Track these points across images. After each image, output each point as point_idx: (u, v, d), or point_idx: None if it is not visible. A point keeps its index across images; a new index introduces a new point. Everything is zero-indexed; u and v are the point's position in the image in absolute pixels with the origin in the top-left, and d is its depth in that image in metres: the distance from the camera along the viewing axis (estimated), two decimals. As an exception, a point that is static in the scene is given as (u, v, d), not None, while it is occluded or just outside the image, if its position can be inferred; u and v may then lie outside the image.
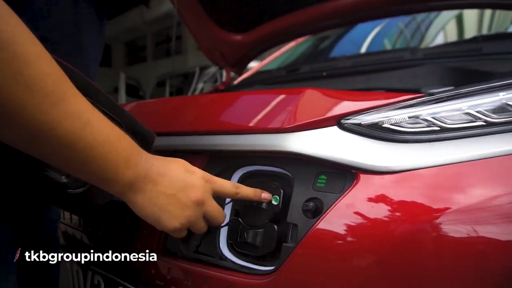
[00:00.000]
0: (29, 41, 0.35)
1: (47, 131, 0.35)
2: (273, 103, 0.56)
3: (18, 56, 0.33)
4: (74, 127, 0.37)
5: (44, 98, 0.35)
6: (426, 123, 0.47)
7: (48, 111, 0.35)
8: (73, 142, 0.37)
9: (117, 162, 0.41)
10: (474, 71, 1.05)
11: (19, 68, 0.33)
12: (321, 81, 1.45)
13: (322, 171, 0.49)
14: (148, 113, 0.73)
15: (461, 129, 0.46)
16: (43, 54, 0.36)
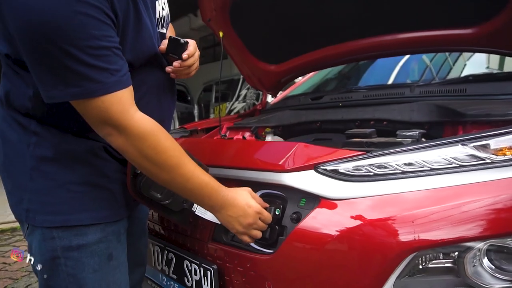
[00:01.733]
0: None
1: (172, 182, 0.78)
2: (279, 151, 0.92)
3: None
4: (184, 180, 0.77)
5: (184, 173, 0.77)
6: (365, 170, 0.80)
7: (173, 173, 0.76)
8: (184, 187, 0.78)
9: (209, 196, 0.82)
10: (452, 110, 1.32)
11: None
12: (338, 110, 1.77)
13: (303, 196, 0.84)
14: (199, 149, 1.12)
15: (384, 175, 0.79)
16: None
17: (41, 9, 0.62)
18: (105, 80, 0.68)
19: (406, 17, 1.57)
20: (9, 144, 0.82)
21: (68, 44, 0.64)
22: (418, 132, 1.11)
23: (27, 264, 2.54)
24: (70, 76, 0.67)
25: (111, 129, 0.72)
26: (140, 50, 0.80)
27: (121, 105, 0.70)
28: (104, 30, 0.68)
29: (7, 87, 0.80)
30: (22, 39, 0.66)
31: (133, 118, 0.72)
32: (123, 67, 0.72)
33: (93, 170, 0.82)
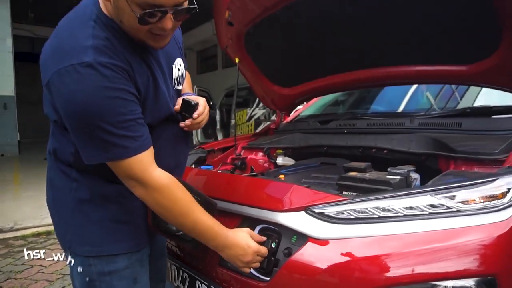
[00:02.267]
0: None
1: (184, 225, 0.94)
2: (277, 191, 1.07)
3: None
4: (192, 224, 0.93)
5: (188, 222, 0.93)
6: (347, 214, 0.94)
7: (185, 219, 0.92)
8: (192, 229, 0.94)
9: (213, 238, 0.98)
10: (446, 144, 1.42)
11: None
12: (343, 136, 1.89)
13: (294, 233, 0.98)
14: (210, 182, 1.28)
15: (363, 219, 0.92)
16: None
17: (80, 98, 0.81)
18: (130, 146, 0.86)
19: (408, 52, 1.69)
20: (56, 188, 1.02)
21: (101, 121, 0.82)
22: (406, 170, 1.23)
23: (61, 267, 2.80)
24: (102, 145, 0.85)
25: (134, 183, 0.90)
26: (158, 113, 0.98)
27: (143, 165, 0.88)
28: (129, 106, 0.86)
29: (54, 144, 0.99)
30: (65, 116, 0.86)
31: (152, 175, 0.90)
32: (144, 132, 0.89)
33: (121, 208, 0.99)
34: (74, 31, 0.86)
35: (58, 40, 0.88)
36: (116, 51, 0.87)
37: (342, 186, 1.27)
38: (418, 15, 1.51)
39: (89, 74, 0.82)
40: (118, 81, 0.85)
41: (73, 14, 0.92)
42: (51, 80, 0.85)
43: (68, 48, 0.84)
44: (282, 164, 2.14)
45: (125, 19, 0.86)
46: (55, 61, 0.84)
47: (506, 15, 1.26)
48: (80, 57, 0.82)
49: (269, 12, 1.84)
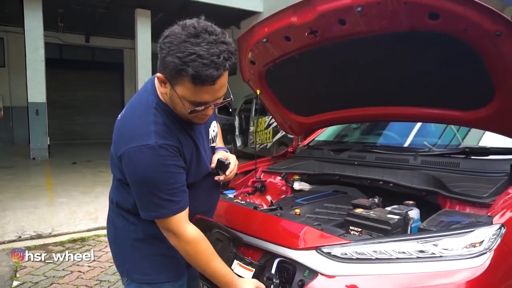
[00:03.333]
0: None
1: (204, 271, 1.18)
2: (294, 231, 1.29)
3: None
4: (212, 271, 1.17)
5: (208, 269, 1.17)
6: (349, 254, 1.16)
7: (206, 266, 1.16)
8: (211, 275, 1.18)
9: (227, 285, 1.19)
10: (443, 184, 1.61)
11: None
12: (354, 167, 2.10)
13: (307, 268, 1.20)
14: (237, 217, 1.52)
15: (363, 259, 1.14)
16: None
17: (143, 170, 1.07)
18: (172, 208, 1.12)
19: (413, 96, 1.88)
20: (117, 228, 1.29)
21: (155, 189, 1.09)
22: (405, 211, 1.43)
23: (98, 273, 3.10)
24: (152, 206, 1.11)
25: (171, 234, 1.15)
26: (199, 174, 1.24)
27: (180, 222, 1.14)
28: (176, 177, 1.12)
29: (118, 196, 1.26)
30: (130, 181, 1.14)
31: (186, 230, 1.15)
32: (184, 197, 1.15)
33: (167, 245, 1.24)
34: (141, 117, 1.12)
35: (129, 123, 1.15)
36: (171, 133, 1.12)
37: (349, 222, 1.48)
38: (424, 66, 1.71)
39: (151, 154, 1.07)
40: (170, 158, 1.10)
41: (139, 100, 1.19)
42: (122, 155, 1.11)
43: (136, 132, 1.10)
44: (299, 188, 2.36)
45: (178, 108, 1.12)
46: (126, 140, 1.11)
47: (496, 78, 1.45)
48: (145, 140, 1.08)
49: (288, 56, 2.07)
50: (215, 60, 0.98)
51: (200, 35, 0.99)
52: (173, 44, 0.99)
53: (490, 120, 1.65)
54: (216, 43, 0.99)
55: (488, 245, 1.09)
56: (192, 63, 0.97)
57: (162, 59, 1.03)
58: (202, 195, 1.29)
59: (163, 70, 1.05)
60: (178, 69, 0.98)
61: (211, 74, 0.98)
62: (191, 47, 0.97)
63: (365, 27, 1.59)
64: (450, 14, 1.34)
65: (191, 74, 0.97)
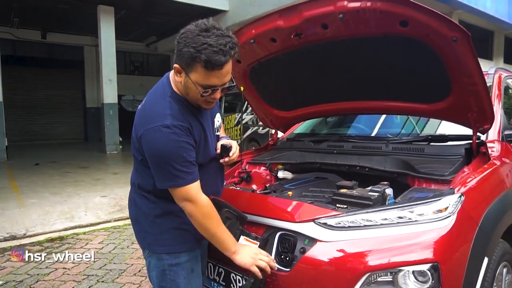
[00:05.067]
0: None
1: (213, 235, 1.37)
2: (292, 206, 1.50)
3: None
4: (219, 235, 1.37)
5: (218, 232, 1.36)
6: (342, 223, 1.38)
7: (215, 230, 1.36)
8: (218, 239, 1.37)
9: (229, 247, 1.39)
10: (412, 166, 1.89)
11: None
12: (333, 155, 2.35)
13: (307, 237, 1.41)
14: (241, 200, 1.70)
15: (354, 227, 1.37)
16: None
17: (161, 146, 1.25)
18: (187, 177, 1.30)
19: (383, 91, 2.15)
20: (138, 207, 1.45)
21: (172, 161, 1.26)
22: (383, 188, 1.68)
23: (84, 268, 3.15)
24: (170, 176, 1.28)
25: (187, 202, 1.32)
26: (207, 155, 1.43)
27: (195, 190, 1.32)
28: (189, 152, 1.30)
29: (138, 178, 1.42)
30: (149, 157, 1.30)
31: (201, 196, 1.33)
32: (196, 170, 1.33)
33: (182, 220, 1.40)
34: (158, 103, 1.32)
35: (148, 109, 1.33)
36: (183, 116, 1.31)
37: (335, 200, 1.71)
38: (394, 65, 1.97)
39: (167, 132, 1.26)
40: (183, 136, 1.29)
41: (156, 91, 1.37)
42: (142, 135, 1.28)
43: (154, 115, 1.28)
44: (283, 177, 2.57)
45: (191, 93, 1.30)
46: (146, 122, 1.29)
47: (453, 76, 1.74)
48: (162, 121, 1.26)
49: (272, 55, 2.27)
50: (222, 48, 1.20)
51: (210, 30, 1.22)
52: (188, 37, 1.22)
53: (447, 111, 1.95)
54: (223, 36, 1.22)
55: (452, 210, 1.36)
56: (204, 51, 1.18)
57: (179, 51, 1.25)
58: (210, 177, 1.47)
59: (179, 60, 1.26)
60: (193, 56, 1.20)
61: (220, 60, 1.19)
62: (203, 39, 1.20)
63: (345, 31, 1.82)
64: (416, 22, 1.60)
65: (204, 59, 1.19)
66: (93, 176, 7.21)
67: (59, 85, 15.41)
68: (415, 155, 2.02)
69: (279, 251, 1.49)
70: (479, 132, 1.90)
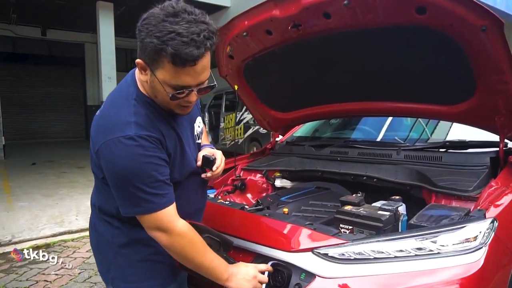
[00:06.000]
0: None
1: (198, 266, 1.09)
2: (287, 232, 1.24)
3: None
4: (206, 264, 1.09)
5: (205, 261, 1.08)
6: (347, 255, 1.12)
7: (200, 260, 1.08)
8: (206, 268, 1.10)
9: (220, 275, 1.12)
10: (428, 178, 1.62)
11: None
12: (336, 163, 2.08)
13: (303, 271, 1.16)
14: (228, 219, 1.45)
15: (361, 259, 1.11)
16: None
17: (123, 163, 0.99)
18: (159, 201, 1.03)
19: (396, 91, 1.88)
20: (99, 234, 1.20)
21: (137, 181, 1.00)
22: (395, 207, 1.42)
23: (66, 282, 2.91)
24: (137, 201, 1.02)
25: (160, 232, 1.06)
26: (184, 170, 1.16)
27: (170, 216, 1.06)
28: (160, 170, 1.03)
29: (100, 200, 1.17)
30: (109, 177, 1.04)
31: (178, 224, 1.07)
32: (170, 190, 1.07)
33: (154, 250, 1.15)
34: (120, 109, 1.05)
35: (107, 116, 1.07)
36: (152, 124, 1.05)
37: (338, 220, 1.45)
38: (407, 60, 1.70)
39: (131, 145, 1.00)
40: (152, 150, 1.03)
41: (118, 93, 1.11)
42: (100, 148, 1.03)
43: (115, 123, 1.03)
44: (281, 186, 2.32)
45: (159, 96, 1.04)
46: (104, 134, 1.03)
47: (479, 72, 1.46)
48: (124, 131, 1.00)
49: (268, 50, 2.01)
50: (195, 38, 0.94)
51: (179, 14, 0.96)
52: (152, 24, 0.95)
53: (470, 114, 1.68)
54: (196, 22, 0.96)
55: (483, 239, 1.10)
56: (171, 41, 0.92)
57: (141, 42, 0.99)
58: (189, 195, 1.21)
59: (142, 54, 1.00)
60: (157, 49, 0.94)
61: (192, 53, 0.94)
62: (170, 26, 0.94)
63: (351, 21, 1.56)
64: (437, 8, 1.33)
65: (171, 53, 0.93)
66: (89, 177, 6.97)
67: (60, 83, 15.20)
68: (431, 165, 1.76)
69: (270, 285, 1.23)
70: (507, 138, 1.63)
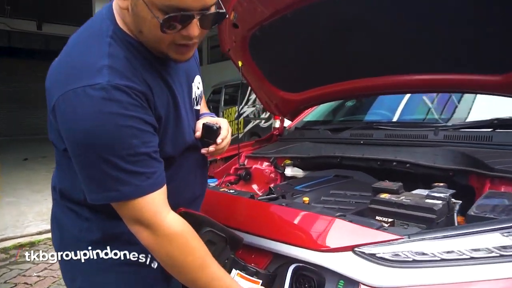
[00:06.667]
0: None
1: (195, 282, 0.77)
2: (315, 225, 0.93)
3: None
4: (207, 281, 0.77)
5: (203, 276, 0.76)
6: (403, 255, 0.81)
7: (197, 274, 0.76)
8: (199, 285, 0.78)
9: None
10: (480, 161, 1.32)
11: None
12: (359, 146, 1.78)
13: (341, 278, 0.85)
14: (227, 209, 1.14)
15: (424, 261, 0.80)
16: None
17: (88, 125, 0.67)
18: (141, 184, 0.72)
19: (429, 60, 1.57)
20: (63, 228, 0.87)
21: (109, 154, 0.68)
22: (449, 194, 1.11)
23: (48, 285, 2.60)
24: (109, 182, 0.71)
25: (142, 228, 0.75)
26: (179, 143, 0.84)
27: (155, 206, 0.74)
28: (143, 138, 0.71)
29: (63, 181, 0.85)
30: (69, 146, 0.72)
31: (165, 220, 0.75)
32: (158, 168, 0.75)
33: (137, 249, 0.84)
34: (88, 49, 0.73)
35: (67, 59, 0.74)
36: (134, 71, 0.74)
37: (374, 210, 1.14)
38: (442, 19, 1.40)
39: (101, 98, 0.68)
40: (133, 108, 0.71)
41: (86, 30, 0.78)
42: (56, 103, 0.71)
43: (79, 68, 0.70)
44: (291, 175, 2.01)
45: (146, 28, 0.72)
46: (63, 82, 0.71)
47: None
48: (92, 78, 0.68)
49: (279, 15, 1.70)
50: None
51: None
52: None
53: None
54: None
55: None
56: None
57: None
58: (184, 178, 0.90)
59: None
60: None
61: None
62: None
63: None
64: None
65: None
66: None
67: (55, 78, 14.90)
68: (479, 146, 1.45)
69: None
70: None
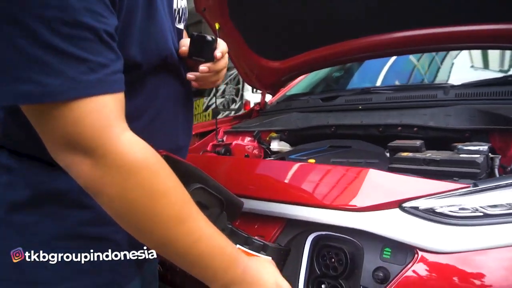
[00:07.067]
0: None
1: (169, 244, 0.49)
2: (341, 180, 0.69)
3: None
4: (188, 242, 0.49)
5: (172, 221, 0.48)
6: (471, 209, 0.59)
7: (172, 230, 0.48)
8: (186, 253, 0.50)
9: (217, 270, 0.52)
10: (502, 116, 1.14)
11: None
12: (355, 113, 1.57)
13: (386, 244, 0.62)
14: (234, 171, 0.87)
15: (501, 215, 0.58)
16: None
17: None
18: (79, 77, 0.42)
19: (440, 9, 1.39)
20: None
21: (25, 11, 0.39)
22: (487, 147, 0.92)
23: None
24: (22, 65, 0.41)
25: (80, 156, 0.44)
26: (152, 44, 0.55)
27: (102, 118, 0.44)
28: (92, 3, 0.42)
29: None
30: None
31: (119, 140, 0.45)
32: (113, 62, 0.45)
33: (90, 216, 0.56)
34: None
35: None
36: None
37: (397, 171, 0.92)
38: None
39: None
40: None
41: None
42: None
43: None
44: (278, 150, 1.77)
45: None
46: None
47: None
48: None
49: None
50: None
51: None
52: None
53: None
54: None
55: None
56: None
57: None
58: (162, 114, 0.62)
59: None
60: None
61: None
62: None
63: None
64: None
65: None
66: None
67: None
68: (501, 101, 1.28)
69: (317, 276, 0.67)
70: None
